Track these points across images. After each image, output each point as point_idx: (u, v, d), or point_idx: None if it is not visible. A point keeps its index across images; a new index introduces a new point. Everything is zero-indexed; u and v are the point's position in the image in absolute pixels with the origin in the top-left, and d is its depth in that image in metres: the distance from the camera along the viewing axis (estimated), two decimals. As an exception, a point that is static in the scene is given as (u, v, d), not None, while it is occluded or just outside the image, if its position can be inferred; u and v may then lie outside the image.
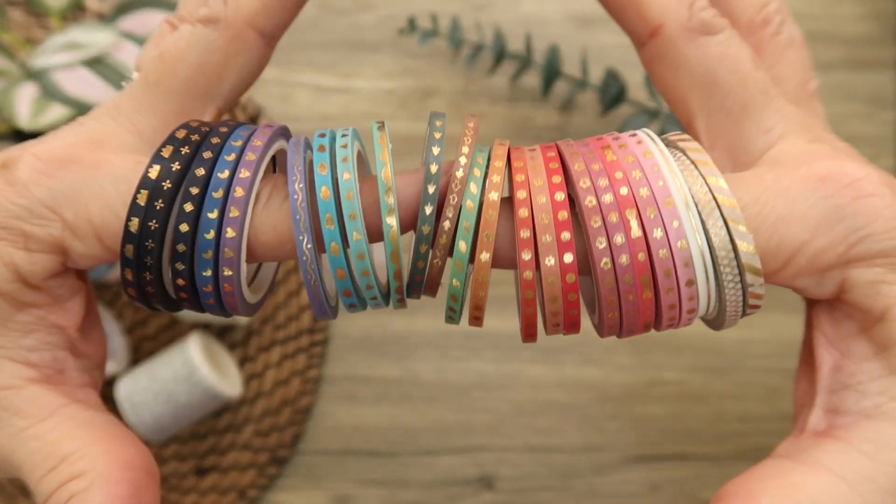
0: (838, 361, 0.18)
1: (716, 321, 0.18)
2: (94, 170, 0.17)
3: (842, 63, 0.53)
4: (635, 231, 0.15)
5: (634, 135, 0.17)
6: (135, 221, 0.16)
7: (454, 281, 0.16)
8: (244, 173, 0.16)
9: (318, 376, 0.51)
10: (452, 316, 0.17)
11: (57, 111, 0.36)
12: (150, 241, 0.16)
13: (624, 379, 0.52)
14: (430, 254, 0.16)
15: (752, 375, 0.52)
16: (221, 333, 0.52)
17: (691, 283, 0.16)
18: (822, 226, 0.17)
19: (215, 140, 0.17)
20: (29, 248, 0.17)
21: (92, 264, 0.18)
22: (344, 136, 0.17)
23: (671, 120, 0.50)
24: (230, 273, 0.16)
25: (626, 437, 0.51)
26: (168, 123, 0.18)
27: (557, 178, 0.16)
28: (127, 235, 0.16)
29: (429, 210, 0.16)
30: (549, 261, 0.16)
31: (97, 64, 0.38)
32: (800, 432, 0.19)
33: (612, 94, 0.48)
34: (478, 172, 0.17)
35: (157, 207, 0.16)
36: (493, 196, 0.16)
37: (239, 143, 0.17)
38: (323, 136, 0.17)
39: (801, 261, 0.17)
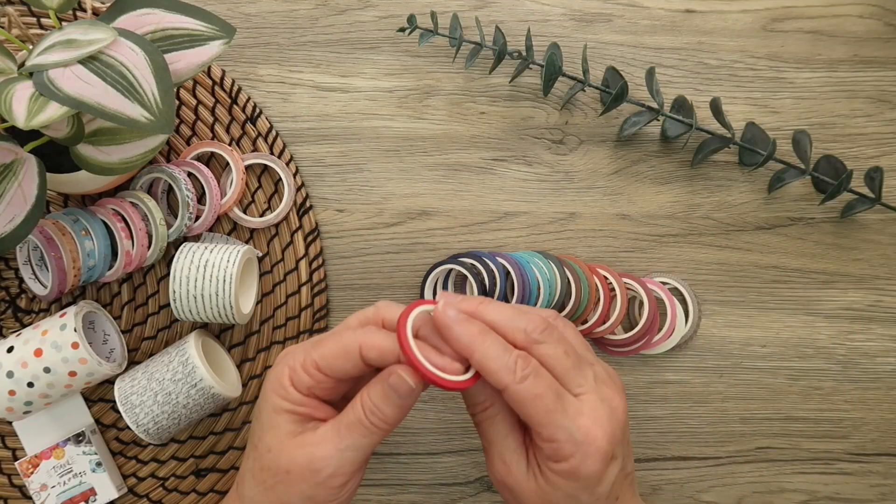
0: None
1: None
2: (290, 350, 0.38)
3: (846, 61, 0.52)
4: None
5: None
6: None
7: None
8: None
9: (317, 376, 0.51)
10: None
11: (54, 109, 0.36)
12: None
13: (625, 379, 0.52)
14: None
15: (752, 375, 0.52)
16: (220, 334, 0.52)
17: None
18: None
19: None
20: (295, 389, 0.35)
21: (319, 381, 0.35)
22: None
23: (672, 120, 0.50)
24: None
25: (627, 437, 0.51)
26: None
27: None
28: None
29: None
30: None
31: (94, 62, 0.38)
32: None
33: (614, 93, 0.48)
34: None
35: None
36: None
37: None
38: None
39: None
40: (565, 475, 0.34)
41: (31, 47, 0.40)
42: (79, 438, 0.49)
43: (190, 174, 0.50)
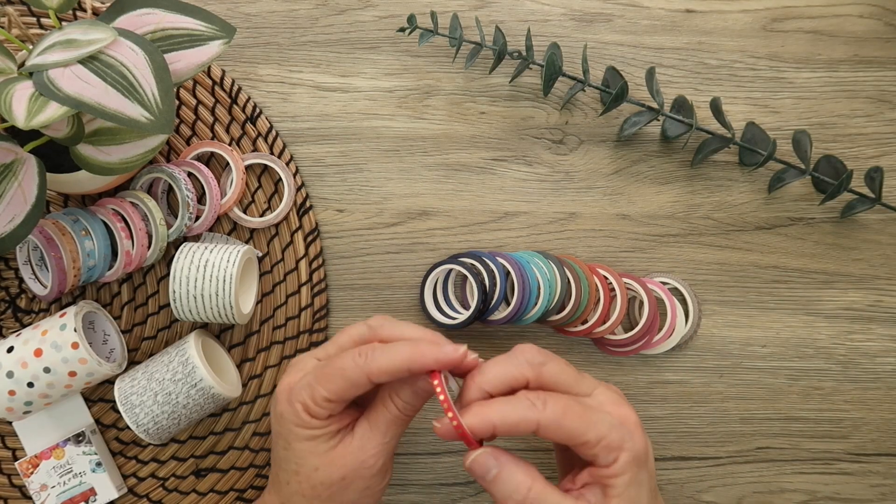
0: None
1: None
2: None
3: (846, 61, 0.52)
4: None
5: None
6: None
7: None
8: None
9: (317, 376, 0.51)
10: None
11: (54, 109, 0.36)
12: None
13: (624, 379, 0.52)
14: None
15: (752, 375, 0.52)
16: (220, 334, 0.52)
17: None
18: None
19: None
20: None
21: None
22: None
23: (672, 119, 0.50)
24: None
25: (627, 437, 0.51)
26: None
27: None
28: None
29: None
30: None
31: (95, 62, 0.38)
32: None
33: (614, 93, 0.48)
34: None
35: None
36: None
37: None
38: None
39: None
40: (627, 466, 0.35)
41: (31, 47, 0.40)
42: (79, 438, 0.49)
43: (190, 174, 0.50)
